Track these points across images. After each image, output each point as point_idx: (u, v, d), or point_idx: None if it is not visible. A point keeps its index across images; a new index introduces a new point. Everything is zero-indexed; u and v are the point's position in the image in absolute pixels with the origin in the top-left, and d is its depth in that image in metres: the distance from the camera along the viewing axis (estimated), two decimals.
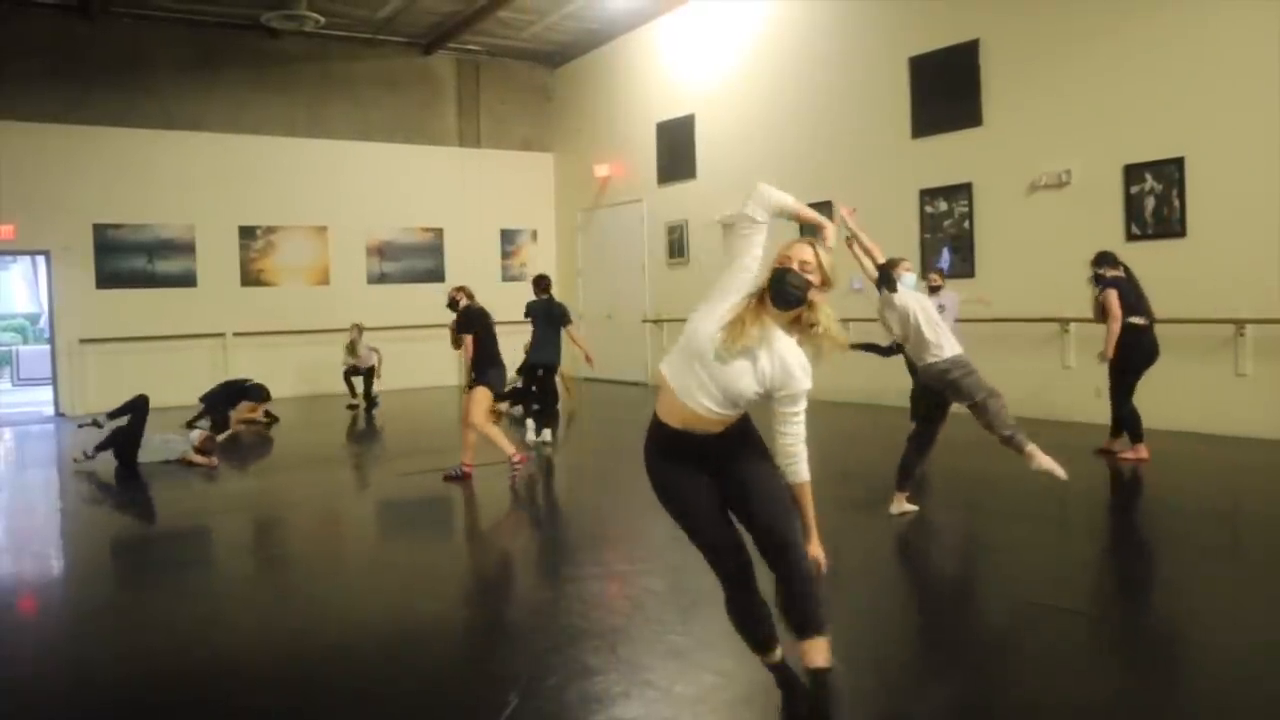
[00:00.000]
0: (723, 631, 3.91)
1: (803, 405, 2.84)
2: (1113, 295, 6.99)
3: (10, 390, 17.54)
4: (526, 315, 9.44)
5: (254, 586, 5.05)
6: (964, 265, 9.97)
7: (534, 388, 9.31)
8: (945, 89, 9.97)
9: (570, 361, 14.36)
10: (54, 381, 13.22)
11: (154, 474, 7.96)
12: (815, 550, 2.91)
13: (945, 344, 5.49)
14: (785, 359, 2.77)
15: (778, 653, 3.03)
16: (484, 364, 7.22)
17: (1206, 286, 7.98)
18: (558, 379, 9.59)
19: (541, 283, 9.52)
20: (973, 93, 9.72)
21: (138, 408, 8.33)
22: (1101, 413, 8.56)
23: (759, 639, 3.02)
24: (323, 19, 12.84)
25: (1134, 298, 7.08)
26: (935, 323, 5.55)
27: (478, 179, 15.64)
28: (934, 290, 8.14)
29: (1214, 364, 8.02)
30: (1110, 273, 7.17)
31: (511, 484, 7.01)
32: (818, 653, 2.82)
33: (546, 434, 9.07)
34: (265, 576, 5.24)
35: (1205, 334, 8.04)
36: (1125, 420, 7.18)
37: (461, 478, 7.06)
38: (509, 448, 7.14)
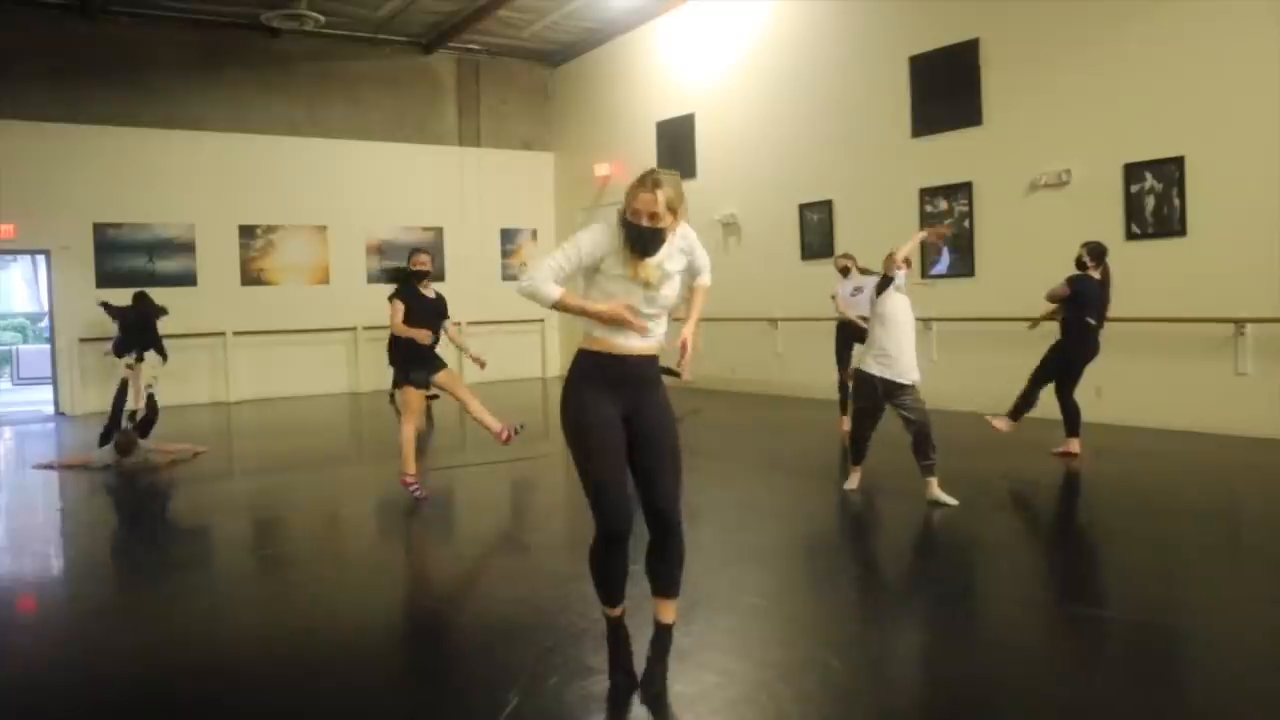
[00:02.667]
0: (723, 631, 3.92)
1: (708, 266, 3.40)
2: (1066, 291, 7.18)
3: (10, 389, 17.54)
4: None
5: (254, 586, 5.05)
6: (964, 265, 9.97)
7: None
8: (945, 88, 9.97)
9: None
10: (54, 380, 13.23)
11: (153, 474, 7.96)
12: (687, 334, 3.29)
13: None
14: (695, 249, 3.29)
15: (623, 607, 3.31)
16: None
17: (1206, 286, 7.98)
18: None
19: None
20: (973, 92, 9.72)
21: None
22: (1102, 412, 8.59)
23: (614, 593, 3.28)
24: (323, 18, 12.85)
25: (1095, 299, 7.17)
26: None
27: (477, 178, 15.64)
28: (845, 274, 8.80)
29: (1214, 363, 8.02)
30: (1091, 271, 7.23)
31: (508, 438, 6.89)
32: (669, 611, 3.35)
33: None
34: (265, 576, 5.24)
35: (1205, 333, 8.04)
36: (1069, 411, 7.28)
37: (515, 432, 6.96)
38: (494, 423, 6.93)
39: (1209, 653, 3.65)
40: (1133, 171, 8.49)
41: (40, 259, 14.45)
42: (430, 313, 6.74)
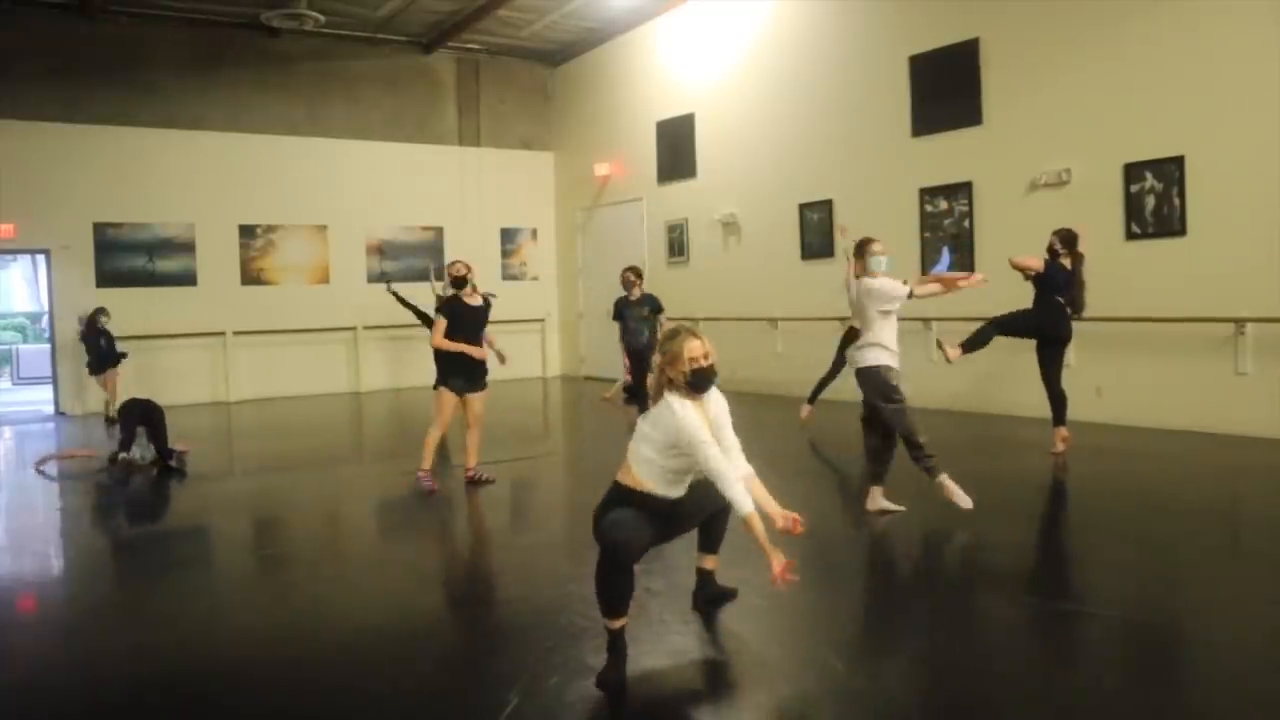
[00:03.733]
0: (724, 632, 3.92)
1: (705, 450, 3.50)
2: (1038, 265, 7.32)
3: (10, 389, 17.54)
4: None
5: (254, 586, 5.05)
6: (964, 265, 9.96)
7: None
8: (945, 88, 9.97)
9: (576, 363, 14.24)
10: (54, 380, 13.23)
11: (153, 475, 7.96)
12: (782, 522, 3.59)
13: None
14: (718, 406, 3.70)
15: (626, 619, 3.44)
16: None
17: (1206, 285, 7.98)
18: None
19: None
20: (973, 92, 9.71)
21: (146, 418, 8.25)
22: (1101, 412, 8.60)
23: (622, 603, 3.41)
24: (323, 18, 12.84)
25: (1065, 285, 7.29)
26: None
27: (477, 178, 15.65)
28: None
29: (1214, 363, 8.02)
30: (1063, 258, 7.33)
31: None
32: (713, 560, 4.06)
33: None
34: (265, 576, 5.24)
35: (1205, 333, 8.04)
36: (1056, 399, 7.34)
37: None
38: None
39: (1209, 653, 3.65)
40: (1133, 171, 8.49)
41: (40, 259, 14.45)
42: (471, 325, 6.85)
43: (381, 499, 7.19)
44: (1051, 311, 7.31)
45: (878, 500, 5.73)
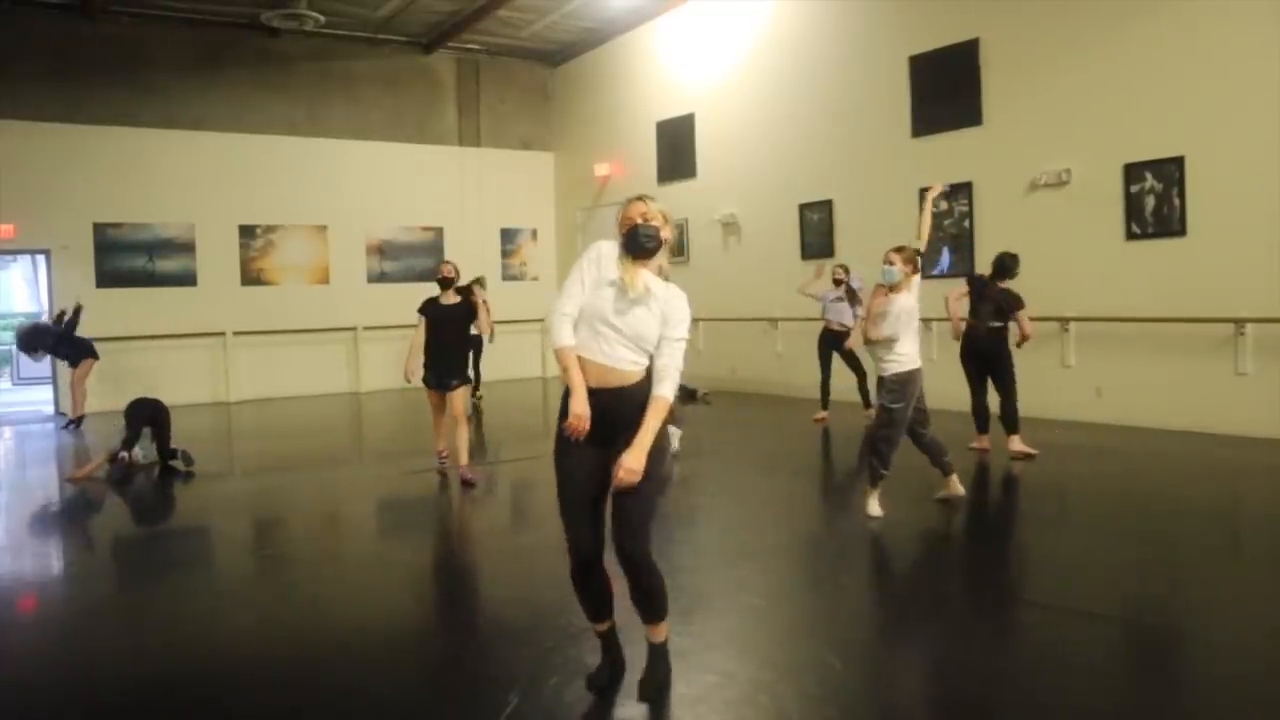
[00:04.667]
0: (724, 632, 3.92)
1: (684, 336, 3.18)
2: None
3: (10, 389, 17.53)
4: None
5: (254, 586, 5.05)
6: (964, 265, 9.97)
7: None
8: (945, 88, 9.97)
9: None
10: (53, 381, 13.23)
11: (153, 474, 7.96)
12: (633, 460, 3.04)
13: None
14: (673, 302, 3.18)
15: (607, 624, 3.35)
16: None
17: (1206, 286, 7.98)
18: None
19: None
20: (973, 92, 9.72)
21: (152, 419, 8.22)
22: (1101, 412, 8.60)
23: (593, 610, 3.32)
24: (323, 18, 12.84)
25: (976, 301, 7.53)
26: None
27: (478, 178, 15.65)
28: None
29: (1214, 363, 8.02)
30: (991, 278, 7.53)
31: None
32: (659, 632, 3.32)
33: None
34: (265, 576, 5.24)
35: (1205, 333, 8.04)
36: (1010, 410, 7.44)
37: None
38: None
39: (1209, 653, 3.64)
40: (1133, 171, 8.49)
41: (40, 259, 14.44)
42: (449, 325, 7.11)
43: (381, 499, 7.19)
44: (969, 331, 7.55)
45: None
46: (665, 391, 3.10)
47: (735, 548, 5.26)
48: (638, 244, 3.19)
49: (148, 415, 8.18)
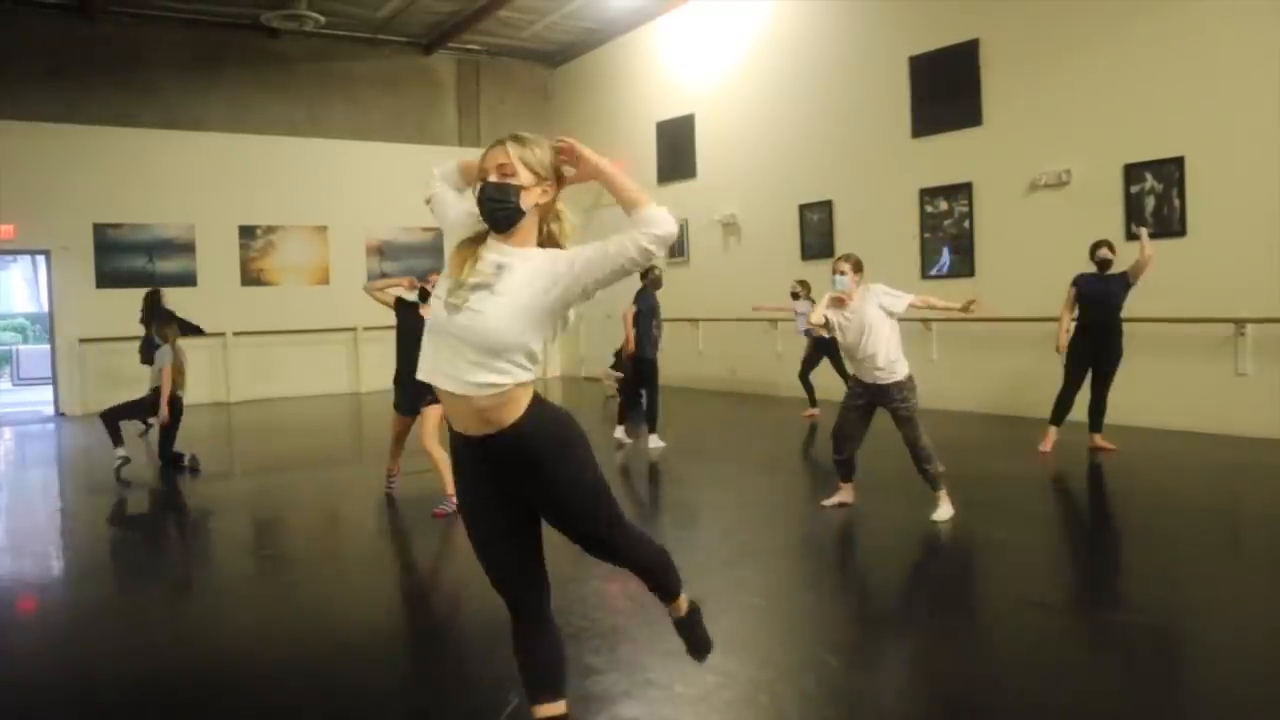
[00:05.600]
0: (724, 632, 3.91)
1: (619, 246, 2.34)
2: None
3: (10, 390, 17.54)
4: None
5: (254, 586, 5.05)
6: (964, 265, 9.97)
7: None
8: (945, 89, 9.97)
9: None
10: (54, 381, 13.22)
11: (152, 474, 7.96)
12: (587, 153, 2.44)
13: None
14: (541, 256, 2.33)
15: (544, 710, 2.49)
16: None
17: (1206, 286, 7.98)
18: None
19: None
20: (973, 92, 9.72)
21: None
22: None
23: (528, 682, 2.53)
24: (323, 19, 12.85)
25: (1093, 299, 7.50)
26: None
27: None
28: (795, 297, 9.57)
29: (1214, 364, 8.02)
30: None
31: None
32: (678, 607, 2.82)
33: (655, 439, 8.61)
34: (265, 576, 5.24)
35: (1205, 334, 8.04)
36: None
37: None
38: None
39: (1208, 653, 3.64)
40: (1133, 171, 8.49)
41: (40, 259, 14.45)
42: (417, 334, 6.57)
43: (381, 499, 7.19)
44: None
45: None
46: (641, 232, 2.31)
47: (735, 548, 5.26)
48: (484, 211, 2.33)
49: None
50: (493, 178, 2.33)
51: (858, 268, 5.61)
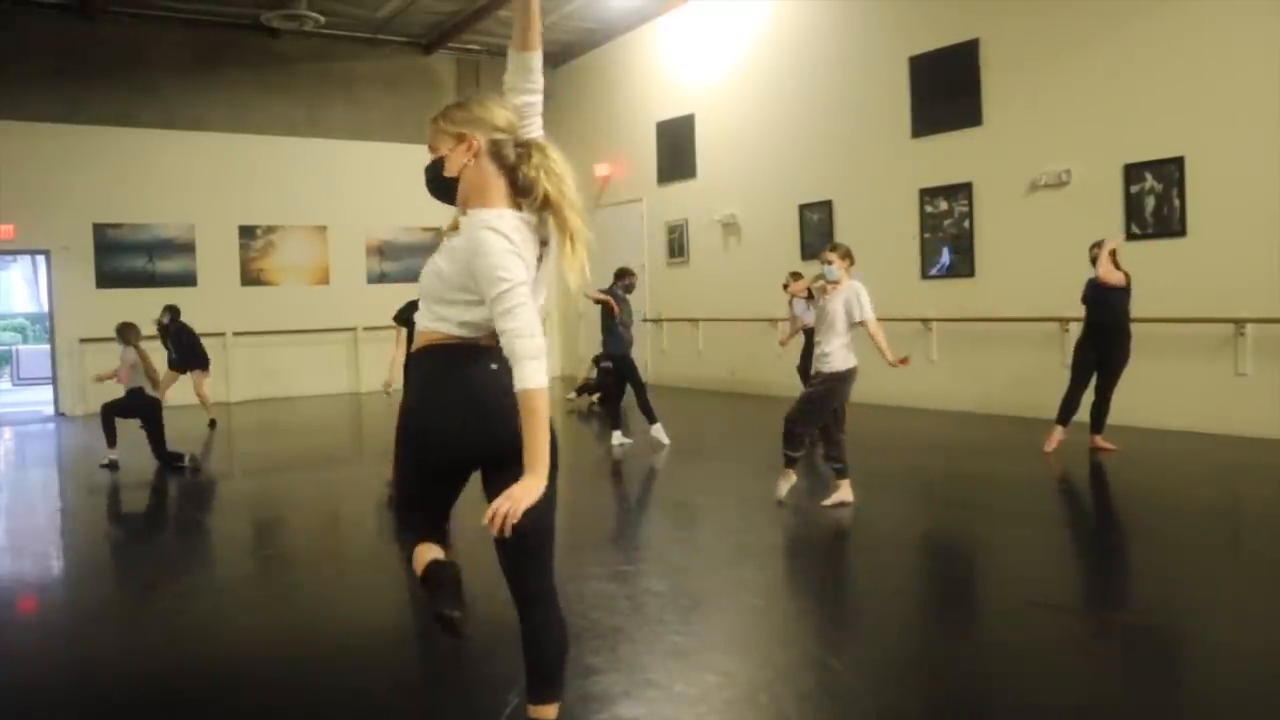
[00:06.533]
0: (724, 632, 3.92)
1: (503, 291, 2.16)
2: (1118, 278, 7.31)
3: (10, 390, 17.54)
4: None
5: (254, 586, 5.05)
6: (964, 265, 9.97)
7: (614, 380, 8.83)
8: (945, 89, 9.97)
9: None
10: (54, 381, 13.22)
11: (152, 474, 7.96)
12: (527, 489, 2.20)
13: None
14: (477, 236, 2.23)
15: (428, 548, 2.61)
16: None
17: (1206, 286, 7.98)
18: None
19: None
20: (973, 92, 9.71)
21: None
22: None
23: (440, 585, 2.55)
24: (323, 19, 12.85)
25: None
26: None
27: None
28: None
29: (1214, 364, 8.02)
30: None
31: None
32: (548, 711, 2.55)
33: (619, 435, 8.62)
34: (266, 576, 5.24)
35: (1205, 334, 8.04)
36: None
37: None
38: None
39: (1208, 653, 3.64)
40: (1133, 172, 8.49)
41: (40, 259, 14.46)
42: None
43: (381, 499, 7.19)
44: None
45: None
46: (525, 379, 2.13)
47: (735, 548, 5.26)
48: (429, 185, 2.48)
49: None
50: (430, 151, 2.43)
51: (846, 256, 5.73)
